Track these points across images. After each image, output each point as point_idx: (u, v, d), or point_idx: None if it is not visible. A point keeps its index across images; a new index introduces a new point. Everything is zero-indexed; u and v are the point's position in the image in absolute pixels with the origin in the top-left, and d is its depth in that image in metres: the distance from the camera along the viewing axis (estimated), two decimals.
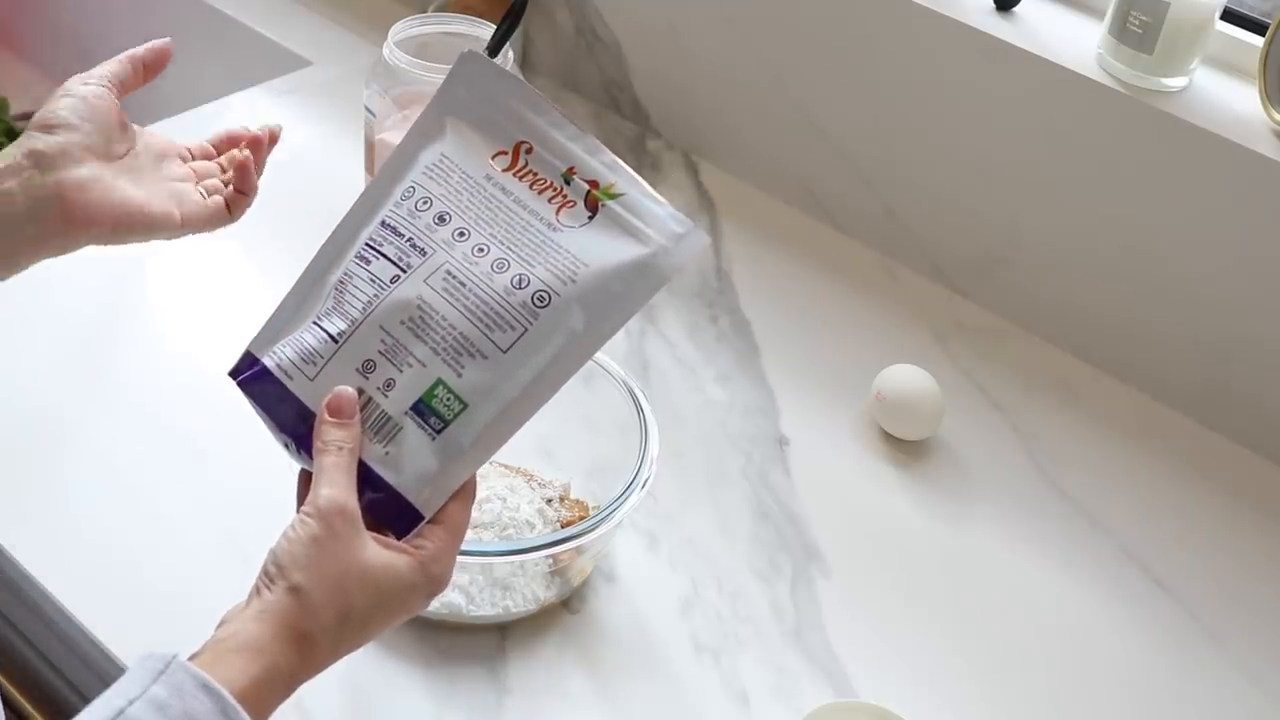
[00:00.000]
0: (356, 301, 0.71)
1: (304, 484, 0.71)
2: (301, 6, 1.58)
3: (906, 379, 1.10)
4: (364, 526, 0.67)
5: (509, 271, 0.70)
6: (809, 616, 0.97)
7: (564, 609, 0.94)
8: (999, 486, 1.09)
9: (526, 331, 0.69)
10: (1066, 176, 1.18)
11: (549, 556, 0.88)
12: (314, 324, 0.72)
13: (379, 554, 0.66)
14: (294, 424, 0.71)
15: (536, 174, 0.73)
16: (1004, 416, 1.16)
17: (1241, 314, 1.13)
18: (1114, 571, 1.04)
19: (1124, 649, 0.98)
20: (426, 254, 0.71)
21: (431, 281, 0.70)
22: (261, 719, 0.62)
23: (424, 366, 0.69)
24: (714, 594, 0.97)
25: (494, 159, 0.74)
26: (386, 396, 0.70)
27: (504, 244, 0.71)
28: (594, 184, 0.72)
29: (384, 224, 0.73)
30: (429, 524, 0.69)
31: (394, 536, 0.69)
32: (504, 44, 1.24)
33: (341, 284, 0.72)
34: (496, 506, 0.94)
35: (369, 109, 1.21)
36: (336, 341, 0.71)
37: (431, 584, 0.68)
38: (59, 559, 0.94)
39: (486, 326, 0.69)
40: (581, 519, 0.93)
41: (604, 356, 0.98)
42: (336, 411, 0.69)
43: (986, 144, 1.21)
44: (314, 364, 0.71)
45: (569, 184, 0.72)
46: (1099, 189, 1.16)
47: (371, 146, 1.22)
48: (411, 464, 0.69)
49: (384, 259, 0.72)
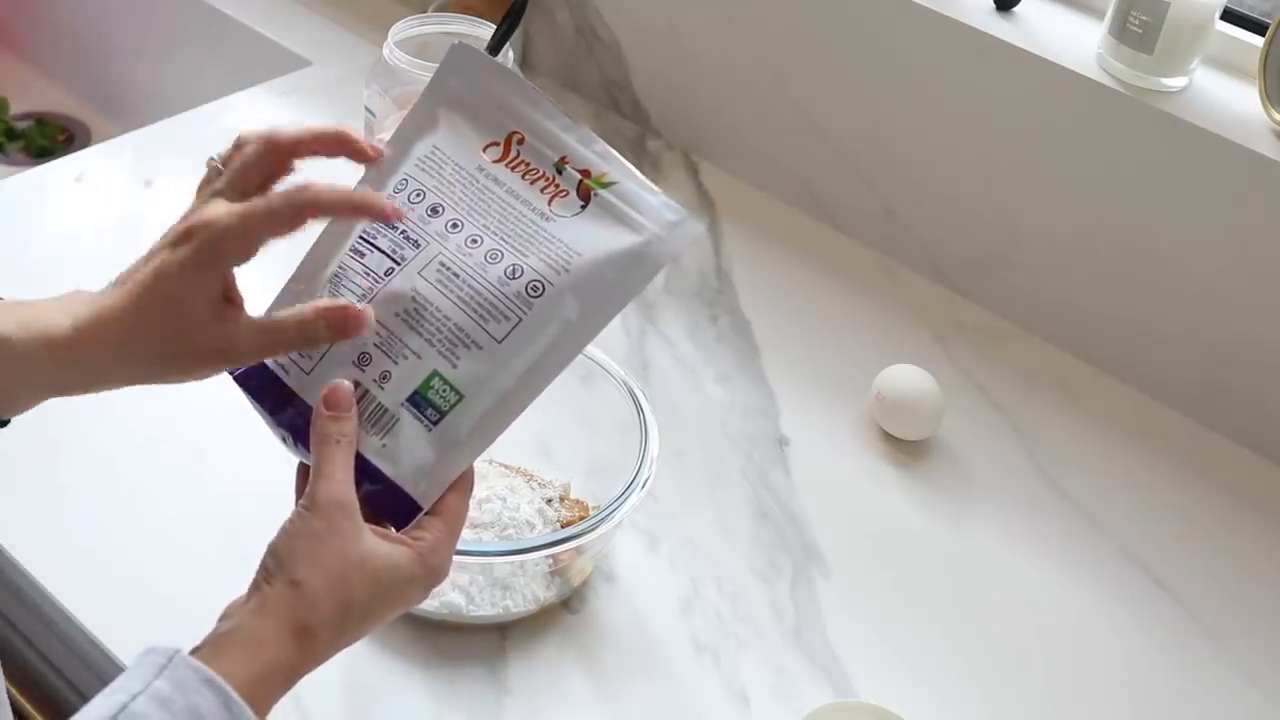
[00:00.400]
0: (351, 295, 0.71)
1: (302, 477, 0.71)
2: (301, 6, 1.58)
3: (906, 379, 1.10)
4: (362, 519, 0.67)
5: (502, 262, 0.70)
6: (809, 616, 0.97)
7: (564, 609, 0.94)
8: (999, 486, 1.09)
9: (521, 321, 0.69)
10: (1066, 176, 1.18)
11: (549, 556, 0.88)
12: None
13: (378, 546, 0.66)
14: (291, 418, 0.71)
15: (529, 164, 0.73)
16: (1004, 416, 1.16)
17: (1242, 314, 1.13)
18: (1114, 571, 1.04)
19: (1124, 649, 0.98)
20: (420, 246, 0.71)
21: (425, 273, 0.70)
22: (263, 713, 0.62)
23: (419, 358, 0.69)
24: (714, 594, 0.97)
25: (486, 150, 0.73)
26: (382, 389, 0.70)
27: (497, 235, 0.71)
28: (586, 173, 0.72)
29: None
30: (427, 515, 0.69)
31: (392, 528, 0.69)
32: (504, 44, 1.24)
33: (336, 278, 0.72)
34: (496, 506, 0.94)
35: (369, 109, 1.21)
36: None
37: (430, 575, 0.68)
38: (58, 559, 0.94)
39: (481, 317, 0.69)
40: (581, 519, 0.93)
41: (604, 356, 0.98)
42: (333, 405, 0.69)
43: (986, 144, 1.21)
44: (310, 358, 0.71)
45: (561, 173, 0.72)
46: (1099, 189, 1.16)
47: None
48: (408, 456, 0.69)
49: (378, 252, 0.72)
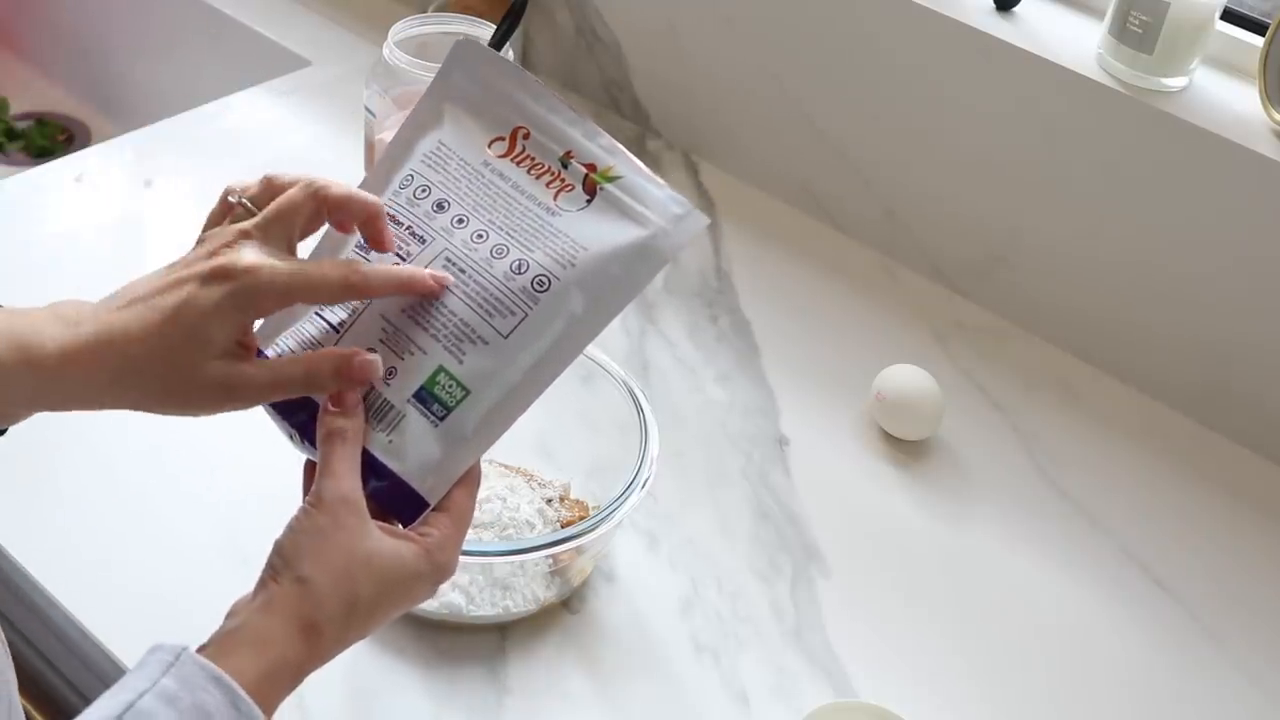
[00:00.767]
0: None
1: (309, 474, 0.71)
2: (301, 6, 1.58)
3: (906, 379, 1.10)
4: (369, 515, 0.67)
5: (508, 257, 0.70)
6: (809, 616, 0.97)
7: (564, 609, 0.94)
8: (999, 486, 1.09)
9: (527, 317, 0.69)
10: (1066, 176, 1.17)
11: (549, 556, 0.88)
12: (315, 315, 0.72)
13: (384, 543, 0.66)
14: (297, 414, 0.71)
15: (534, 159, 0.73)
16: (1004, 416, 1.16)
17: (1242, 314, 1.13)
18: (1114, 571, 1.04)
19: (1124, 649, 0.98)
20: (426, 242, 0.71)
21: (431, 269, 0.70)
22: (270, 710, 0.62)
23: (425, 354, 0.69)
24: (714, 594, 0.97)
25: (491, 145, 0.73)
26: (388, 385, 0.70)
27: (503, 230, 0.71)
28: (592, 167, 0.72)
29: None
30: (434, 512, 0.69)
31: (399, 525, 0.69)
32: (504, 44, 1.24)
33: None
34: (496, 506, 0.94)
35: (369, 109, 1.21)
36: (338, 331, 0.71)
37: (438, 571, 0.68)
38: (59, 560, 0.93)
39: (487, 313, 0.69)
40: (581, 519, 0.93)
41: (604, 356, 0.98)
42: (339, 401, 0.69)
43: (986, 144, 1.21)
44: None
45: (566, 168, 0.72)
46: (1099, 189, 1.16)
47: (371, 146, 1.22)
48: (415, 452, 0.69)
49: None
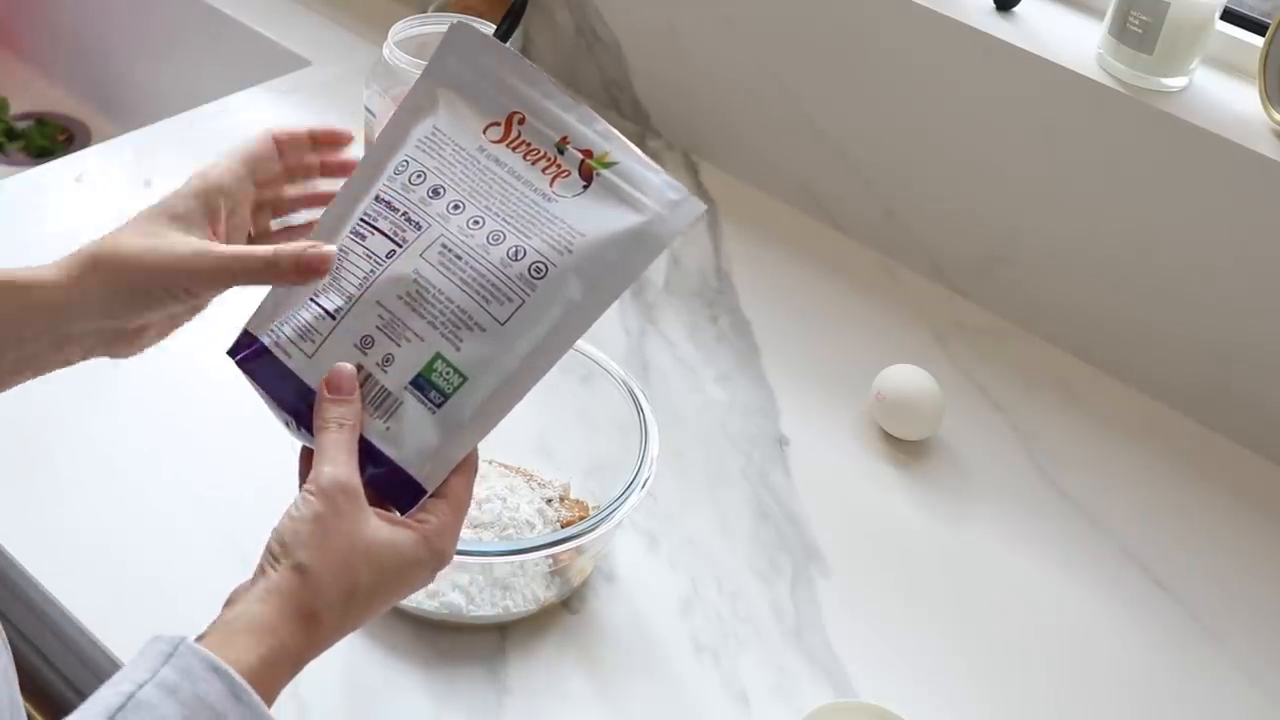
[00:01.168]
0: (353, 277, 0.71)
1: (306, 462, 0.71)
2: (301, 6, 1.58)
3: (906, 379, 1.10)
4: (367, 503, 0.67)
5: (505, 244, 0.70)
6: (809, 616, 0.97)
7: (564, 609, 0.94)
8: (999, 486, 1.09)
9: (524, 303, 0.69)
10: (1066, 176, 1.17)
11: (549, 556, 0.88)
12: (311, 301, 0.72)
13: (382, 529, 0.66)
14: (294, 401, 0.71)
15: (530, 144, 0.73)
16: (1004, 416, 1.16)
17: (1242, 314, 1.13)
18: (1114, 571, 1.04)
19: (1124, 649, 0.98)
20: (421, 228, 0.71)
21: (427, 255, 0.70)
22: (270, 698, 0.62)
23: (422, 341, 0.69)
24: (714, 594, 0.97)
25: (487, 131, 0.73)
26: (385, 372, 0.69)
27: (499, 216, 0.71)
28: (588, 153, 0.72)
29: (378, 199, 0.73)
30: (432, 498, 0.69)
31: (397, 512, 0.69)
32: (504, 44, 1.24)
33: (338, 260, 0.72)
34: (496, 506, 0.94)
35: (369, 109, 1.21)
36: (334, 318, 0.71)
37: (436, 558, 0.68)
38: (56, 556, 0.93)
39: (484, 299, 0.69)
40: (581, 519, 0.93)
41: (604, 356, 0.98)
42: (335, 388, 0.68)
43: (986, 144, 1.21)
44: (312, 341, 0.71)
45: (563, 154, 0.72)
46: (1099, 189, 1.16)
47: (372, 145, 1.22)
48: (412, 438, 0.69)
49: (379, 234, 0.72)
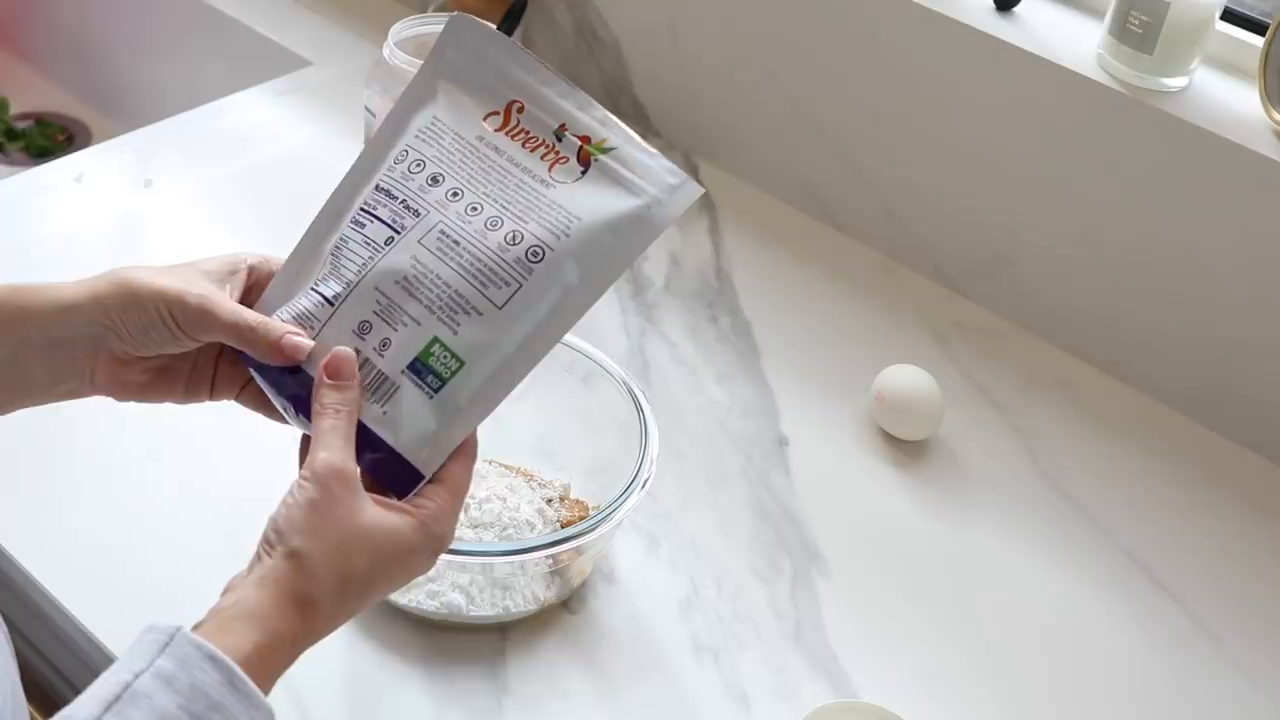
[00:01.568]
0: (352, 265, 0.71)
1: (304, 447, 0.71)
2: (301, 6, 1.58)
3: (907, 379, 1.10)
4: (363, 489, 0.66)
5: (502, 229, 0.70)
6: (809, 616, 0.97)
7: (564, 609, 0.94)
8: (999, 486, 1.09)
9: (521, 287, 0.69)
10: (1067, 176, 1.17)
11: (549, 557, 0.88)
12: (311, 289, 0.72)
13: (379, 515, 0.66)
14: (292, 388, 0.71)
15: (529, 132, 0.73)
16: (1004, 416, 1.16)
17: (1242, 314, 1.13)
18: (1114, 571, 1.04)
19: (1124, 649, 0.98)
20: (420, 215, 0.71)
21: (425, 242, 0.71)
22: (267, 686, 0.62)
23: (419, 325, 0.69)
24: (714, 594, 0.97)
25: (486, 119, 0.74)
26: (382, 356, 0.70)
27: (497, 202, 0.71)
28: (586, 139, 0.72)
29: (378, 188, 0.73)
30: (430, 484, 0.69)
31: (394, 497, 0.69)
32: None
33: (337, 249, 0.73)
34: (496, 506, 0.94)
35: (369, 109, 1.21)
36: (332, 305, 0.71)
37: (434, 543, 0.68)
38: (56, 556, 0.93)
39: (481, 284, 0.69)
40: (581, 519, 0.93)
41: (604, 356, 0.98)
42: (334, 373, 0.68)
43: (986, 144, 1.21)
44: (311, 327, 0.71)
45: (561, 140, 0.73)
46: (1099, 189, 1.16)
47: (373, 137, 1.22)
48: (409, 423, 0.69)
49: (378, 222, 0.72)
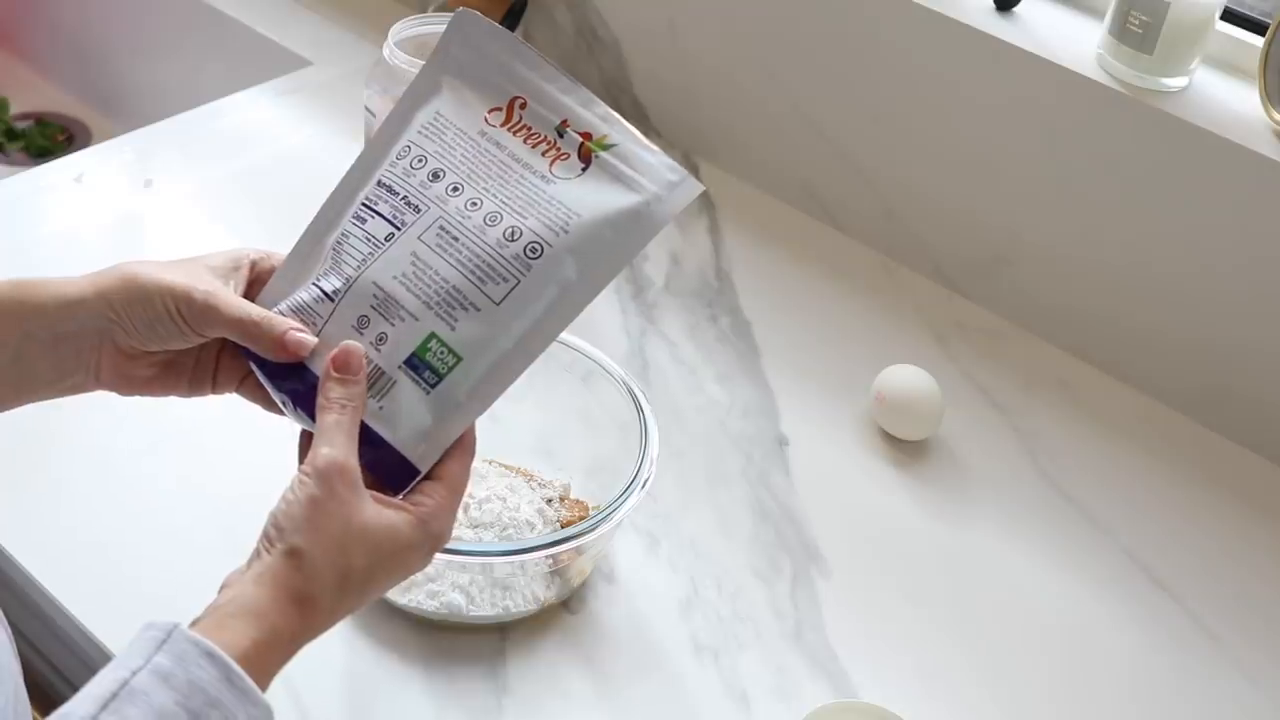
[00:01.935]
0: (352, 260, 0.71)
1: (304, 443, 0.70)
2: (301, 6, 1.58)
3: (907, 379, 1.10)
4: (363, 486, 0.66)
5: (501, 224, 0.70)
6: (809, 616, 0.97)
7: (564, 609, 0.94)
8: (999, 486, 1.09)
9: (519, 283, 0.69)
10: (1067, 176, 1.18)
11: (549, 557, 0.88)
12: (312, 284, 0.72)
13: (378, 513, 0.66)
14: (291, 383, 0.71)
15: (530, 128, 0.73)
16: (1004, 417, 1.16)
17: (1242, 314, 1.13)
18: (1114, 571, 1.04)
19: (1124, 649, 0.98)
20: (420, 211, 0.71)
21: (425, 237, 0.70)
22: (265, 680, 0.62)
23: (417, 320, 0.69)
24: (714, 594, 0.97)
25: (489, 115, 0.74)
26: (379, 351, 0.69)
27: (498, 198, 0.71)
28: (587, 135, 0.72)
29: (379, 183, 0.73)
30: (427, 480, 0.69)
31: (391, 493, 0.68)
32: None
33: (338, 244, 0.72)
34: (497, 506, 0.94)
35: (369, 109, 1.20)
36: (332, 300, 0.71)
37: (432, 540, 0.68)
38: (54, 555, 0.93)
39: (479, 279, 0.69)
40: (582, 519, 0.93)
41: (604, 356, 0.98)
42: (342, 367, 0.68)
43: (986, 144, 1.21)
44: (313, 323, 0.71)
45: (562, 136, 0.72)
46: (1099, 189, 1.16)
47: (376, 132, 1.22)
48: (406, 418, 0.69)
49: (379, 217, 0.72)
